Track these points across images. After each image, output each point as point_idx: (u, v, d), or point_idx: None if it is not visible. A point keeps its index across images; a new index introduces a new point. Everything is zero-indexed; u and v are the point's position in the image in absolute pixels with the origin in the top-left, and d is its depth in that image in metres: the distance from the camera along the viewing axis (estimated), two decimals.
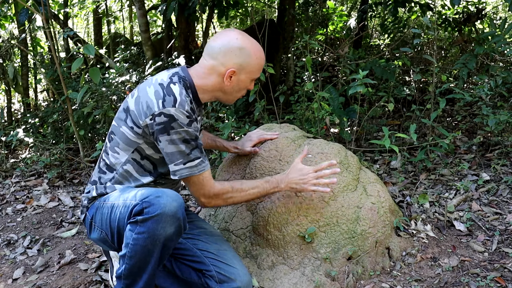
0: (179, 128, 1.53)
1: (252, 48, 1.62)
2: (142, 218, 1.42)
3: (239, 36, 1.62)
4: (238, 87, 1.68)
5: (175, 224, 1.44)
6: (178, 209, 1.44)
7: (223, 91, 1.68)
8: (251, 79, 1.68)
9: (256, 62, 1.64)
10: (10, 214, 2.84)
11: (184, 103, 1.54)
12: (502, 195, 2.36)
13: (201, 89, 1.66)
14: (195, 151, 1.58)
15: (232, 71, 1.61)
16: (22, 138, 3.65)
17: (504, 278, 1.74)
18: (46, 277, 2.07)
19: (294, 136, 2.06)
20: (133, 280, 1.51)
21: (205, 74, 1.65)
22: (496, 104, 3.16)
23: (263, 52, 1.68)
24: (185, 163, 1.57)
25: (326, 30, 6.08)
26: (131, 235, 1.44)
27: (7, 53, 4.91)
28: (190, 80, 1.64)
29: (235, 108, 4.14)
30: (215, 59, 1.61)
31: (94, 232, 1.70)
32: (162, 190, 1.47)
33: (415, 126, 2.41)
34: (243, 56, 1.60)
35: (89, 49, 2.82)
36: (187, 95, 1.57)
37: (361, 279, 1.82)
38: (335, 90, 3.12)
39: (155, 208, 1.41)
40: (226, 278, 1.63)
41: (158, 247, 1.45)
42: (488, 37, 3.12)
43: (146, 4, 5.61)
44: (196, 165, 1.58)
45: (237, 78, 1.64)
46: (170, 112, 1.51)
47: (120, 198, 1.58)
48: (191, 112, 1.56)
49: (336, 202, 1.86)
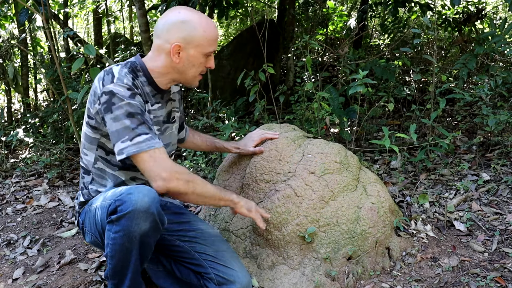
0: (120, 102, 1.45)
1: (196, 20, 1.53)
2: (116, 217, 1.39)
3: (182, 11, 1.54)
4: (191, 63, 1.58)
5: (149, 219, 1.39)
6: (150, 204, 1.38)
7: (176, 70, 1.59)
8: (203, 53, 1.57)
9: (203, 34, 1.53)
10: (10, 214, 2.84)
11: (123, 78, 1.50)
12: (502, 195, 2.36)
13: (155, 72, 1.60)
14: (142, 127, 1.46)
15: (177, 45, 1.52)
16: (22, 138, 3.65)
17: (504, 278, 1.74)
18: (46, 277, 2.07)
19: (294, 136, 2.06)
20: (120, 280, 1.49)
21: (155, 55, 1.59)
22: (496, 104, 3.16)
23: (212, 24, 1.57)
24: (131, 138, 1.44)
25: (326, 30, 6.08)
26: (109, 235, 1.43)
27: (7, 53, 4.91)
28: (142, 64, 1.60)
29: (235, 108, 4.14)
30: (159, 37, 1.55)
31: (87, 236, 1.71)
32: (136, 187, 1.42)
33: (415, 126, 2.41)
34: (187, 29, 1.52)
35: (89, 49, 2.82)
36: (129, 73, 1.53)
37: (361, 279, 1.82)
38: (335, 90, 3.12)
39: (127, 205, 1.37)
40: (225, 281, 1.62)
41: (135, 244, 1.41)
42: (488, 37, 3.12)
43: (146, 4, 5.61)
44: (144, 141, 1.45)
45: (186, 54, 1.55)
46: (109, 89, 1.47)
47: (101, 200, 1.56)
48: (132, 86, 1.50)
49: (336, 202, 1.86)
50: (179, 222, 1.77)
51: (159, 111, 1.69)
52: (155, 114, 1.66)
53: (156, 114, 1.67)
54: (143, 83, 1.59)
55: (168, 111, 1.75)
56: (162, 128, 1.72)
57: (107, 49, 5.89)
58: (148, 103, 1.62)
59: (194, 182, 1.50)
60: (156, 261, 1.81)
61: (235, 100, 4.45)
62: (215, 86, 4.58)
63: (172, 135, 1.79)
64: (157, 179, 1.43)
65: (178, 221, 1.77)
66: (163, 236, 1.73)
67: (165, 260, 1.80)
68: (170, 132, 1.77)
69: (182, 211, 1.85)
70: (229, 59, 5.03)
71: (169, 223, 1.74)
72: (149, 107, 1.62)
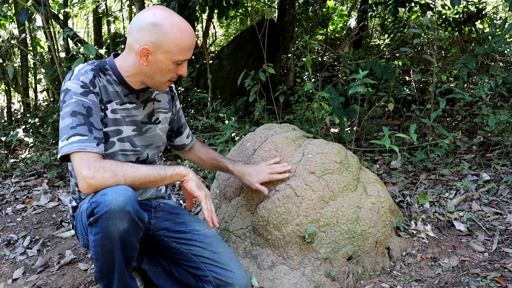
0: (69, 100, 1.43)
1: (170, 25, 1.44)
2: (94, 219, 1.36)
3: (158, 11, 1.46)
4: (158, 68, 1.51)
5: (126, 218, 1.35)
6: (125, 203, 1.34)
7: (143, 73, 1.54)
8: (173, 60, 1.49)
9: (174, 41, 1.45)
10: (10, 214, 2.84)
11: (80, 75, 1.48)
12: (502, 195, 2.36)
13: (125, 72, 1.56)
14: (81, 127, 1.41)
15: (145, 48, 1.46)
16: (22, 138, 3.65)
17: (504, 278, 1.74)
18: (46, 277, 2.07)
19: (294, 136, 2.06)
20: (109, 282, 1.48)
21: (125, 53, 1.55)
22: (496, 104, 3.16)
23: (187, 31, 1.48)
24: (68, 138, 1.40)
25: (326, 30, 6.08)
26: (91, 237, 1.41)
27: (7, 53, 4.92)
28: (112, 64, 1.57)
29: (235, 108, 4.14)
30: (131, 35, 1.49)
31: (80, 239, 1.71)
32: (111, 188, 1.38)
33: (415, 126, 2.41)
34: (157, 33, 1.44)
35: (89, 49, 2.82)
36: (90, 71, 1.51)
37: (361, 279, 1.82)
38: (335, 90, 3.12)
39: (102, 207, 1.34)
40: (223, 283, 1.60)
41: (116, 244, 1.38)
42: (488, 37, 3.12)
43: (146, 4, 5.61)
44: (77, 142, 1.39)
45: (154, 58, 1.48)
46: (65, 86, 1.46)
47: (85, 204, 1.56)
48: (88, 84, 1.47)
49: (336, 202, 1.86)
50: (175, 222, 1.74)
51: (134, 111, 1.65)
52: (128, 113, 1.63)
53: (130, 113, 1.63)
54: (111, 81, 1.57)
55: (149, 111, 1.70)
56: (141, 129, 1.69)
57: (107, 49, 5.89)
58: (113, 102, 1.58)
59: (122, 171, 1.41)
60: (156, 262, 1.81)
61: (235, 100, 4.46)
62: (215, 86, 4.59)
63: (155, 136, 1.75)
64: (81, 179, 1.38)
65: (174, 221, 1.75)
66: (159, 236, 1.72)
67: (164, 261, 1.79)
68: (152, 133, 1.73)
69: (178, 211, 1.82)
70: (229, 59, 5.03)
71: (165, 223, 1.74)
72: (114, 106, 1.58)
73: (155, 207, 1.78)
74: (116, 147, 1.62)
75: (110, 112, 1.58)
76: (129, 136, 1.64)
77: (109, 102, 1.57)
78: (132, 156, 1.68)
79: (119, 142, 1.62)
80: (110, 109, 1.58)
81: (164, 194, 1.88)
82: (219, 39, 7.77)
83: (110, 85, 1.57)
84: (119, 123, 1.61)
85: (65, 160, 1.45)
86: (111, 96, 1.58)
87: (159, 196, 1.85)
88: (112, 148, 1.61)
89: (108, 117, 1.58)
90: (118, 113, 1.60)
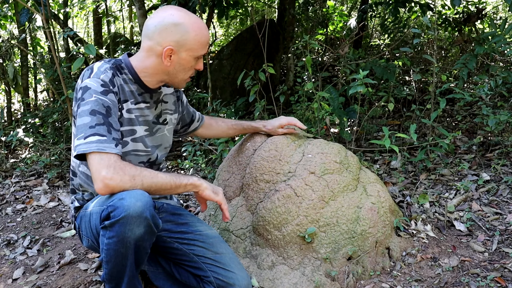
0: (89, 98, 1.43)
1: (189, 23, 1.50)
2: (110, 223, 1.35)
3: (175, 12, 1.50)
4: (182, 67, 1.56)
5: (143, 224, 1.35)
6: (143, 208, 1.34)
7: (166, 73, 1.57)
8: (195, 57, 1.56)
9: (195, 37, 1.51)
10: (10, 214, 2.84)
11: (100, 73, 1.48)
12: (502, 195, 2.36)
13: (142, 73, 1.58)
14: (100, 127, 1.41)
15: (170, 49, 1.50)
16: (22, 138, 3.65)
17: (504, 278, 1.74)
18: (46, 277, 2.07)
19: (294, 136, 2.06)
20: (117, 284, 1.48)
21: (144, 56, 1.56)
22: (496, 104, 3.16)
23: (204, 27, 1.55)
24: (86, 137, 1.39)
25: (326, 30, 6.08)
26: (103, 240, 1.40)
27: (7, 53, 4.92)
28: (127, 62, 1.58)
29: (235, 108, 4.14)
30: (151, 39, 1.52)
31: (84, 240, 1.70)
32: (128, 192, 1.37)
33: (415, 126, 2.41)
34: (180, 32, 1.49)
35: (90, 49, 2.82)
36: (109, 69, 1.52)
37: (361, 279, 1.82)
38: (335, 90, 3.12)
39: (120, 211, 1.33)
40: (225, 283, 1.61)
41: (130, 249, 1.39)
42: (488, 37, 3.12)
43: (146, 4, 5.61)
44: (95, 142, 1.38)
45: (178, 57, 1.53)
46: (85, 83, 1.46)
47: (96, 205, 1.54)
48: (108, 83, 1.48)
49: (336, 202, 1.86)
50: (177, 223, 1.75)
51: (147, 111, 1.66)
52: (142, 113, 1.64)
53: (143, 113, 1.64)
54: (127, 80, 1.57)
55: (158, 112, 1.72)
56: (152, 129, 1.70)
57: (107, 49, 5.89)
58: (128, 102, 1.59)
59: (141, 175, 1.41)
60: (156, 262, 1.81)
61: (235, 100, 4.46)
62: (215, 86, 4.59)
63: (163, 137, 1.76)
64: (98, 180, 1.36)
65: (176, 222, 1.75)
66: (161, 237, 1.72)
67: (164, 262, 1.79)
68: (161, 134, 1.75)
69: (180, 211, 1.82)
70: (229, 59, 5.03)
71: (167, 224, 1.74)
72: (130, 106, 1.59)
73: (158, 208, 1.78)
74: (129, 147, 1.62)
75: (126, 112, 1.59)
76: (141, 136, 1.65)
77: (125, 102, 1.58)
78: (144, 157, 1.68)
79: (133, 142, 1.63)
80: (125, 108, 1.58)
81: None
82: (219, 39, 7.77)
83: (126, 84, 1.58)
84: (133, 123, 1.61)
85: (80, 159, 1.45)
86: (127, 95, 1.58)
87: (162, 196, 1.86)
88: (125, 148, 1.61)
89: (123, 116, 1.58)
90: (133, 113, 1.61)
